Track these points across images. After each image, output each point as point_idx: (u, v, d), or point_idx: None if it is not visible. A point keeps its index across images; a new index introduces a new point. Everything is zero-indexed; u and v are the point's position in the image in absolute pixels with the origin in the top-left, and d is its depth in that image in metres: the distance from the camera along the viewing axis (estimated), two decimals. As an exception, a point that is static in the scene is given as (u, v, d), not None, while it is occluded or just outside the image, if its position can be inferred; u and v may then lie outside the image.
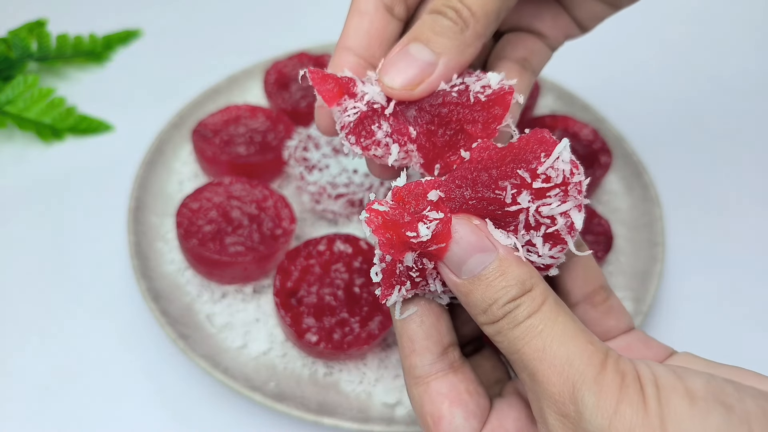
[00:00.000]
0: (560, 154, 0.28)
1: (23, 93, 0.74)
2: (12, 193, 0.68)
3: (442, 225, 0.28)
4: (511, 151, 0.29)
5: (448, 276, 0.29)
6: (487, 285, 0.28)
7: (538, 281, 0.28)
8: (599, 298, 0.33)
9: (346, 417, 0.48)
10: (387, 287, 0.30)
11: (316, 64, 0.74)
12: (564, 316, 0.28)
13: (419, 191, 0.29)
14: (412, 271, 0.30)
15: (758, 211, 0.71)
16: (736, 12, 1.03)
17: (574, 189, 0.28)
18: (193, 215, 0.56)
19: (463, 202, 0.29)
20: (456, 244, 0.28)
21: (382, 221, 0.28)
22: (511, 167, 0.28)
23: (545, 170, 0.28)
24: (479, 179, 0.29)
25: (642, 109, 0.83)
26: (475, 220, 0.29)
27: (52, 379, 0.53)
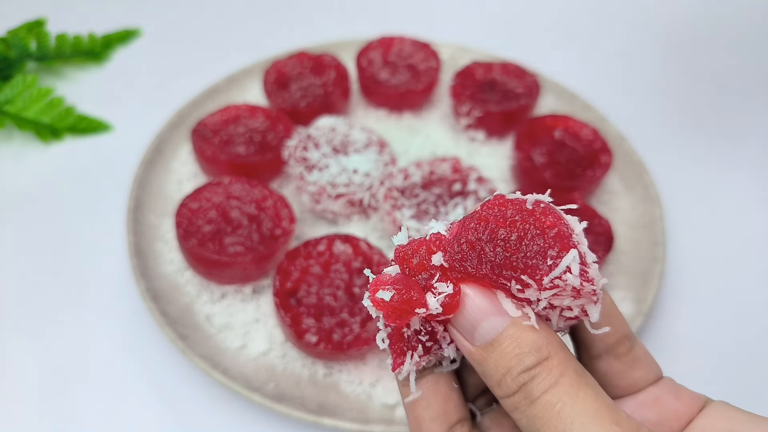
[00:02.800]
0: (569, 267, 0.25)
1: (22, 92, 0.74)
2: (11, 193, 0.67)
3: (451, 298, 0.26)
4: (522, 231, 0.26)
5: (461, 342, 0.27)
6: (500, 353, 0.26)
7: (556, 348, 0.26)
8: (623, 348, 0.31)
9: (345, 418, 0.48)
10: (398, 355, 0.28)
11: (315, 64, 0.74)
12: (586, 390, 0.25)
13: (423, 253, 0.27)
14: (421, 335, 0.28)
15: (759, 211, 0.71)
16: (737, 12, 1.02)
17: (588, 294, 0.25)
18: (192, 215, 0.55)
19: (469, 274, 0.27)
20: (466, 307, 0.26)
21: (390, 309, 0.26)
22: (517, 261, 0.26)
23: (551, 281, 0.25)
24: (485, 256, 0.26)
25: (643, 109, 0.83)
26: None
27: (51, 379, 0.53)
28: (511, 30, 0.96)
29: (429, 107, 0.77)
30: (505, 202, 0.27)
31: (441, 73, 0.76)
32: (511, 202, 0.27)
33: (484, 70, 0.75)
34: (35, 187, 0.68)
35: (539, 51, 0.89)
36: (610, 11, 1.02)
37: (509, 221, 0.26)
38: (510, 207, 0.26)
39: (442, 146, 0.72)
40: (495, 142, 0.73)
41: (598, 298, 0.26)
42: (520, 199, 0.27)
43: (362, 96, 0.76)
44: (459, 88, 0.71)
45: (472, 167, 0.62)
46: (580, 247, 0.25)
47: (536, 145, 0.67)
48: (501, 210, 0.27)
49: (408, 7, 0.99)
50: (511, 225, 0.26)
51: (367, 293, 0.27)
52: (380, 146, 0.64)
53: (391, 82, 0.74)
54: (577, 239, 0.26)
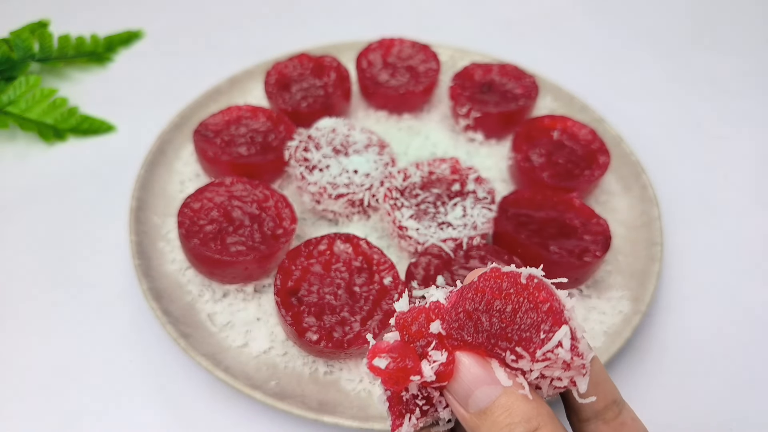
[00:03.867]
0: (561, 342, 0.27)
1: (25, 93, 0.74)
2: (14, 193, 0.68)
3: (444, 367, 0.28)
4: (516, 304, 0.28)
5: (456, 408, 0.29)
6: (492, 421, 0.27)
7: (545, 419, 0.27)
8: (611, 414, 0.32)
9: (346, 415, 0.48)
10: (396, 416, 0.30)
11: (316, 65, 0.75)
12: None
13: (422, 320, 0.29)
14: (418, 399, 0.29)
15: (755, 211, 0.71)
16: (735, 12, 1.03)
17: (578, 367, 0.27)
18: (194, 215, 0.56)
19: (465, 342, 0.28)
20: (461, 375, 0.28)
21: (387, 375, 0.28)
22: (512, 333, 0.28)
23: (543, 354, 0.27)
24: (481, 326, 0.28)
25: (640, 109, 0.84)
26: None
27: (54, 377, 0.53)
28: (509, 32, 0.97)
29: (428, 108, 0.78)
30: (501, 275, 0.29)
31: (440, 75, 0.76)
32: (506, 275, 0.28)
33: (483, 72, 0.75)
34: (38, 187, 0.69)
35: (537, 52, 0.90)
36: (608, 13, 1.02)
37: (504, 293, 0.28)
38: (505, 280, 0.28)
39: (441, 147, 0.73)
40: (494, 143, 0.73)
41: (587, 371, 0.28)
42: (515, 272, 0.28)
43: (362, 97, 0.77)
44: (458, 90, 0.72)
45: (470, 168, 0.63)
46: (571, 322, 0.27)
47: (534, 145, 0.67)
48: (497, 282, 0.28)
49: (407, 10, 1.00)
50: (506, 297, 0.28)
51: (365, 360, 0.29)
52: (380, 147, 0.65)
53: (390, 84, 0.75)
54: (568, 315, 0.28)
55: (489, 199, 0.60)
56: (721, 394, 0.55)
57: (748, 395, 0.55)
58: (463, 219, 0.58)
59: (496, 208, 0.60)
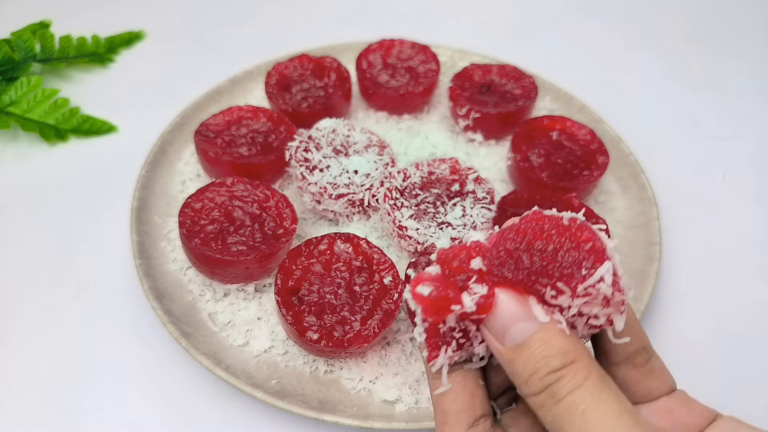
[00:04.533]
0: (603, 277, 0.27)
1: (27, 94, 0.75)
2: (16, 194, 0.68)
3: (485, 299, 0.29)
4: (558, 244, 0.28)
5: (492, 342, 0.29)
6: (529, 354, 0.27)
7: (582, 354, 0.27)
8: (641, 359, 0.32)
9: (346, 414, 0.48)
10: (433, 348, 0.31)
11: (317, 66, 0.75)
12: (608, 393, 0.26)
13: (463, 257, 0.30)
14: (455, 332, 0.30)
15: (754, 211, 0.71)
16: (734, 13, 1.03)
17: (616, 303, 0.28)
18: (195, 215, 0.56)
19: (505, 278, 0.29)
20: (499, 311, 0.29)
21: (428, 303, 0.29)
22: (553, 270, 0.28)
23: (585, 289, 0.27)
24: (522, 264, 0.29)
25: (639, 109, 0.84)
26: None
27: (56, 377, 0.53)
28: (508, 33, 0.97)
29: (428, 109, 0.78)
30: (543, 218, 0.29)
31: (440, 76, 0.76)
32: (548, 218, 0.29)
33: (482, 72, 0.75)
34: (40, 187, 0.69)
35: (536, 53, 0.90)
36: (607, 13, 1.02)
37: (546, 234, 0.29)
38: (547, 222, 0.29)
39: (441, 147, 0.73)
40: (493, 144, 0.74)
41: (625, 308, 0.28)
42: (556, 215, 0.29)
43: (362, 98, 0.77)
44: (457, 90, 0.72)
45: (470, 168, 0.63)
46: (613, 260, 0.28)
47: (533, 146, 0.67)
48: (539, 224, 0.29)
49: (407, 11, 1.00)
50: (548, 238, 0.29)
51: (408, 287, 0.29)
52: (380, 147, 0.65)
53: (390, 85, 0.75)
54: (610, 253, 0.28)
55: (488, 199, 0.60)
56: (719, 393, 0.55)
57: (747, 394, 0.55)
58: (463, 219, 0.58)
59: (496, 208, 0.60)
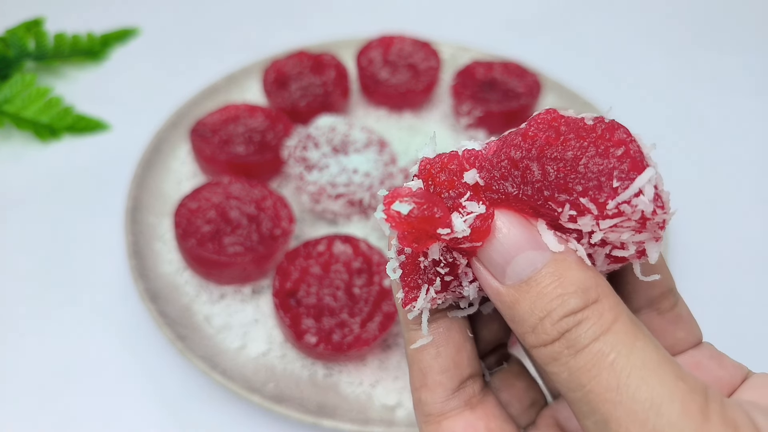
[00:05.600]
0: (642, 188, 0.20)
1: (20, 92, 0.74)
2: (9, 193, 0.67)
3: (482, 221, 0.22)
4: (579, 149, 0.21)
5: (486, 280, 0.23)
6: (537, 293, 0.21)
7: (606, 291, 0.21)
8: (667, 303, 0.26)
9: (345, 419, 0.47)
10: (410, 288, 0.24)
11: (315, 63, 0.74)
12: (644, 340, 0.20)
13: (454, 168, 0.23)
14: (440, 266, 0.23)
15: (759, 211, 0.71)
16: (739, 10, 1.02)
17: (654, 225, 0.21)
18: (191, 215, 0.55)
19: (508, 197, 0.22)
20: (498, 238, 0.22)
21: (408, 227, 0.22)
22: (573, 183, 0.21)
23: (617, 206, 0.20)
24: (530, 176, 0.22)
25: (643, 107, 0.83)
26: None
27: (50, 380, 0.52)
28: (511, 29, 0.96)
29: (429, 107, 0.77)
30: (558, 118, 0.22)
31: (441, 73, 0.75)
32: (565, 119, 0.22)
33: (485, 70, 0.74)
34: (33, 186, 0.68)
35: (540, 50, 0.89)
36: (611, 10, 1.01)
37: (564, 138, 0.22)
38: (564, 123, 0.22)
39: (443, 146, 0.72)
40: (495, 142, 0.73)
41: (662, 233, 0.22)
42: (576, 117, 0.22)
43: (362, 95, 0.76)
44: (459, 88, 0.71)
45: (472, 167, 0.62)
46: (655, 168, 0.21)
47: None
48: (552, 125, 0.22)
49: (408, 6, 0.99)
50: (565, 142, 0.22)
51: (380, 206, 0.22)
52: (380, 146, 0.64)
53: (391, 82, 0.74)
54: (650, 160, 0.21)
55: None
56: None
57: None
58: (465, 219, 0.57)
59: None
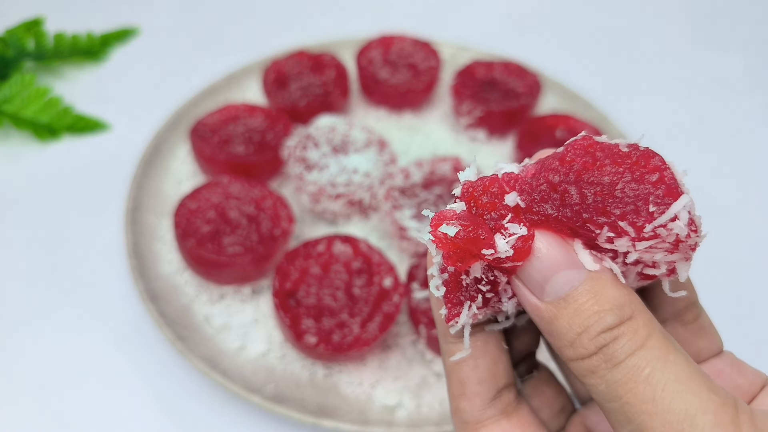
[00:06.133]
0: (678, 214, 0.22)
1: (20, 92, 0.74)
2: (8, 193, 0.67)
3: (523, 242, 0.23)
4: (615, 175, 0.23)
5: (526, 297, 0.24)
6: (575, 309, 0.23)
7: (639, 308, 0.23)
8: (691, 315, 0.28)
9: (345, 419, 0.47)
10: (453, 304, 0.25)
11: (315, 63, 0.74)
12: (676, 355, 0.22)
13: (495, 191, 0.24)
14: (481, 284, 0.25)
15: (761, 212, 0.70)
16: (741, 10, 1.02)
17: (687, 247, 0.23)
18: (191, 215, 0.55)
19: (547, 218, 0.24)
20: (538, 257, 0.23)
21: (453, 247, 0.23)
22: (611, 206, 0.23)
23: (653, 229, 0.22)
24: (569, 199, 0.23)
25: (645, 107, 0.83)
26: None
27: (49, 380, 0.52)
28: (512, 29, 0.96)
29: (429, 106, 0.77)
30: (594, 144, 0.24)
31: (441, 72, 0.75)
32: (600, 145, 0.24)
33: (485, 69, 0.74)
34: (33, 186, 0.68)
35: (540, 50, 0.89)
36: (612, 10, 1.01)
37: (600, 163, 0.23)
38: (599, 149, 0.23)
39: (443, 146, 0.72)
40: (496, 142, 0.72)
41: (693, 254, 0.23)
42: (612, 142, 0.24)
43: (362, 95, 0.76)
44: (460, 88, 0.71)
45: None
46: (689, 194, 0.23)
47: (538, 144, 0.66)
48: (589, 151, 0.24)
49: (408, 6, 0.99)
50: (601, 167, 0.23)
51: (427, 228, 0.24)
52: (380, 146, 0.64)
53: (391, 82, 0.74)
54: (684, 187, 0.23)
55: (491, 199, 0.59)
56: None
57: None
58: (465, 219, 0.57)
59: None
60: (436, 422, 0.48)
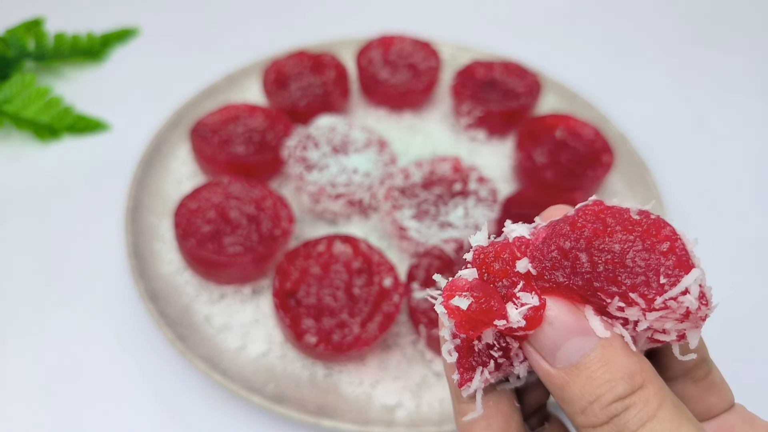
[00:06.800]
0: (689, 288, 0.22)
1: (20, 92, 0.74)
2: (9, 193, 0.67)
3: (534, 312, 0.24)
4: (626, 243, 0.23)
5: (538, 363, 0.25)
6: (587, 377, 0.23)
7: (651, 376, 0.23)
8: (701, 372, 0.29)
9: (345, 419, 0.47)
10: (465, 370, 0.26)
11: (315, 63, 0.74)
12: (687, 425, 0.22)
13: (506, 257, 0.24)
14: (493, 349, 0.25)
15: (761, 211, 0.70)
16: (740, 10, 1.02)
17: (697, 318, 0.23)
18: (191, 215, 0.55)
19: (559, 286, 0.24)
20: (549, 325, 0.24)
21: (465, 318, 0.24)
22: (622, 276, 0.23)
23: (664, 302, 0.22)
24: (580, 267, 0.23)
25: (645, 108, 0.83)
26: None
27: (50, 380, 0.52)
28: (511, 29, 0.96)
29: (429, 107, 0.77)
30: (604, 209, 0.24)
31: (441, 73, 0.75)
32: (611, 210, 0.24)
33: (485, 70, 0.74)
34: (33, 187, 0.68)
35: (540, 50, 0.89)
36: (612, 10, 1.01)
37: (610, 229, 0.23)
38: (609, 215, 0.24)
39: (443, 146, 0.72)
40: (496, 142, 0.72)
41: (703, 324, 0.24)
42: (621, 207, 0.24)
43: (362, 95, 0.76)
44: (459, 88, 0.71)
45: (472, 167, 0.62)
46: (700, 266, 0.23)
47: (537, 144, 0.66)
48: (600, 217, 0.24)
49: (408, 6, 0.99)
50: (612, 234, 0.23)
51: (440, 298, 0.24)
52: (380, 146, 0.64)
53: (391, 82, 0.74)
54: (695, 259, 0.23)
55: (491, 199, 0.59)
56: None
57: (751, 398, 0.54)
58: (465, 219, 0.57)
59: (499, 208, 0.59)
60: (436, 422, 0.48)
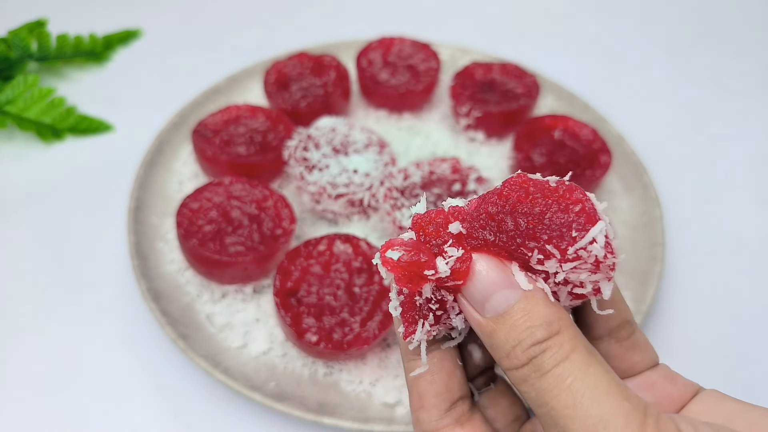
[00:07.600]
0: (595, 238, 0.25)
1: (23, 93, 0.74)
2: (12, 193, 0.68)
3: (461, 263, 0.27)
4: (544, 206, 0.27)
5: (470, 313, 0.27)
6: (511, 325, 0.26)
7: (567, 324, 0.26)
8: (624, 332, 0.31)
9: (346, 417, 0.48)
10: (409, 323, 0.29)
11: (316, 64, 0.74)
12: (596, 366, 0.25)
13: (440, 221, 0.28)
14: (432, 303, 0.28)
15: (758, 211, 0.71)
16: (738, 12, 1.02)
17: (606, 267, 0.26)
18: (193, 215, 0.56)
19: (486, 243, 0.27)
20: (477, 278, 0.27)
21: (400, 270, 0.27)
22: (540, 233, 0.26)
23: (575, 251, 0.26)
24: (505, 226, 0.27)
25: (642, 109, 0.83)
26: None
27: (52, 379, 0.53)
28: (510, 31, 0.96)
29: (429, 108, 0.77)
30: (527, 181, 0.27)
31: (441, 74, 0.76)
32: (533, 181, 0.27)
33: (484, 71, 0.75)
34: (36, 187, 0.68)
35: (538, 51, 0.90)
36: (610, 12, 1.02)
37: (532, 197, 0.27)
38: (532, 184, 0.27)
39: (442, 146, 0.72)
40: (494, 143, 0.73)
41: (614, 273, 0.27)
42: (542, 179, 0.27)
43: (362, 97, 0.76)
44: (458, 89, 0.72)
45: (471, 167, 0.62)
46: (605, 221, 0.26)
47: (536, 145, 0.67)
48: (523, 187, 0.27)
49: (408, 8, 1.00)
50: (533, 200, 0.27)
51: (377, 254, 0.28)
52: (380, 146, 0.65)
53: (391, 83, 0.74)
54: (602, 215, 0.26)
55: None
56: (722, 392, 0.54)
57: (750, 396, 0.54)
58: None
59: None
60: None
